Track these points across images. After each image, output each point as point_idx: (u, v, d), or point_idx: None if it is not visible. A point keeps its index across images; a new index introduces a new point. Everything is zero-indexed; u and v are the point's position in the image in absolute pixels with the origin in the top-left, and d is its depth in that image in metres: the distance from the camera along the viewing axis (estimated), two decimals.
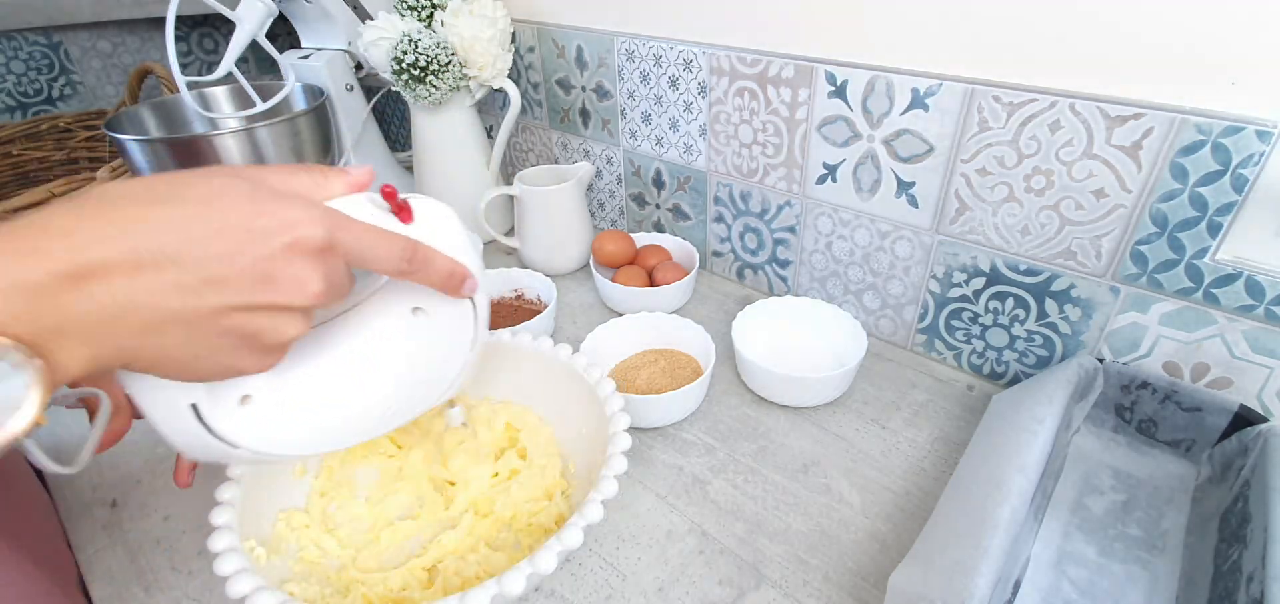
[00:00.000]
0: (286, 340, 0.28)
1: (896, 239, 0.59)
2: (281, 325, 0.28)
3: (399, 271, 0.31)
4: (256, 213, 0.26)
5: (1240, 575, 0.36)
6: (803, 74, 0.57)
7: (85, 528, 0.47)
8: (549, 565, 0.33)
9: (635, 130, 0.75)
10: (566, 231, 0.75)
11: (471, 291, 0.36)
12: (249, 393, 0.32)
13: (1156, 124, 0.42)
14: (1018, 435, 0.43)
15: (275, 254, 0.26)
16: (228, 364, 0.28)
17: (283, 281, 0.27)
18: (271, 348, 0.28)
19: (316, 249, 0.27)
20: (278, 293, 0.27)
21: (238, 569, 0.33)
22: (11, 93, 0.93)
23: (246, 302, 0.26)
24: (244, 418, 0.32)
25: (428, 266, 0.33)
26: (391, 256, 0.31)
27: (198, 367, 0.27)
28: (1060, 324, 0.53)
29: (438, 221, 0.35)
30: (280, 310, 0.27)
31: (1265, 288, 0.43)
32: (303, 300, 0.27)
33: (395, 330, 0.36)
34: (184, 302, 0.25)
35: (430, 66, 0.70)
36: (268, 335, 0.27)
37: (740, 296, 0.72)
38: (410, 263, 0.31)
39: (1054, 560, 0.42)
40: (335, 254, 0.28)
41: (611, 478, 0.38)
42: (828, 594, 0.41)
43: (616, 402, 0.44)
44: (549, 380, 0.49)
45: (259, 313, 0.27)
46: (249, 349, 0.28)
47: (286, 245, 0.26)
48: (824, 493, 0.48)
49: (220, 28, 1.10)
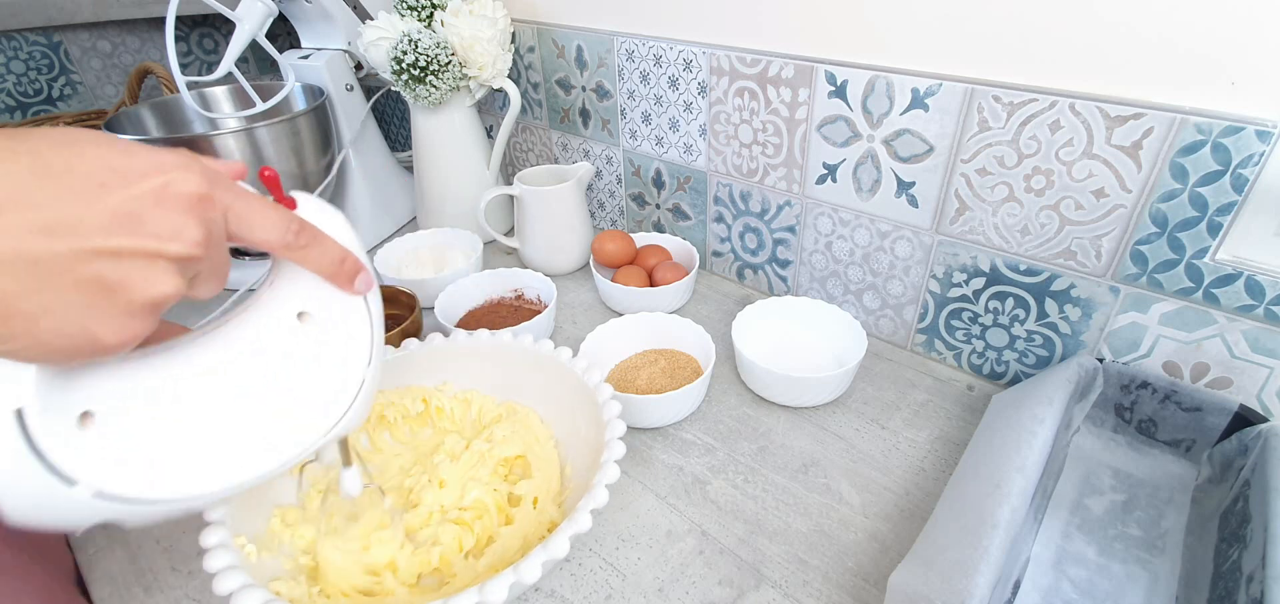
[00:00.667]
0: (155, 297, 0.24)
1: (896, 239, 0.59)
2: (150, 277, 0.24)
3: (284, 244, 0.28)
4: (118, 155, 0.24)
5: (1240, 575, 0.36)
6: (803, 74, 0.57)
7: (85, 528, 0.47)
8: (532, 575, 0.33)
9: (635, 130, 0.75)
10: (566, 231, 0.75)
11: (366, 287, 0.33)
12: (91, 407, 0.26)
13: (1156, 124, 0.42)
14: (1018, 435, 0.43)
15: (144, 195, 0.23)
16: (78, 324, 0.23)
17: (152, 225, 0.24)
18: (136, 308, 0.24)
19: (192, 196, 0.25)
20: (145, 236, 0.23)
21: (225, 566, 0.32)
22: (11, 93, 0.93)
23: (108, 246, 0.23)
24: (85, 442, 0.26)
25: (316, 246, 0.30)
26: (277, 226, 0.28)
27: (48, 322, 0.22)
28: (1060, 324, 0.53)
29: (325, 216, 0.32)
30: (148, 257, 0.24)
31: (1265, 288, 0.43)
32: (177, 248, 0.24)
33: (277, 338, 0.31)
34: (33, 243, 0.21)
35: (430, 66, 0.70)
36: (133, 288, 0.24)
37: (740, 297, 0.72)
38: (297, 237, 0.29)
39: (1054, 560, 0.42)
40: (213, 207, 0.25)
41: (602, 487, 0.37)
42: (828, 594, 0.41)
43: (613, 409, 0.43)
44: (549, 383, 0.49)
45: (123, 260, 0.23)
46: (108, 306, 0.23)
47: (157, 188, 0.24)
48: (824, 493, 0.48)
49: (220, 28, 1.10)
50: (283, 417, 0.32)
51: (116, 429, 0.27)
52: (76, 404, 0.26)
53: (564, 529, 0.35)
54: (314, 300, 0.32)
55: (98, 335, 0.24)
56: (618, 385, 0.57)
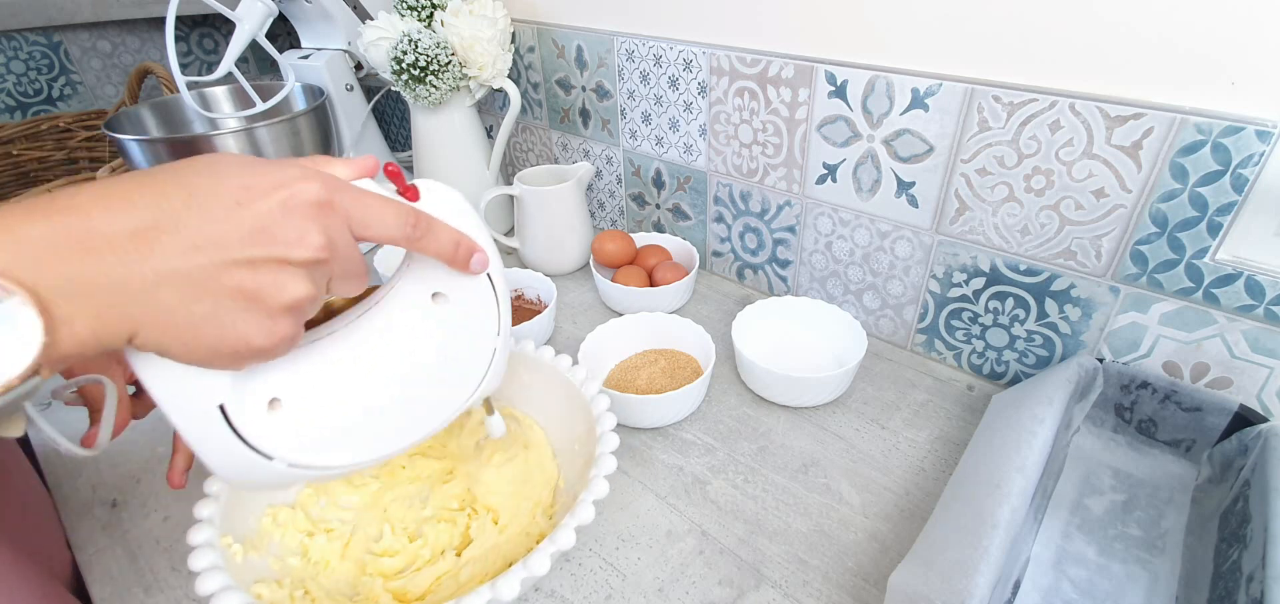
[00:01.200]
0: (291, 301, 0.27)
1: (896, 239, 0.59)
2: (284, 282, 0.27)
3: (404, 236, 0.31)
4: (250, 174, 0.27)
5: (1240, 575, 0.36)
6: (803, 74, 0.57)
7: (85, 528, 0.47)
8: (542, 568, 0.33)
9: (635, 130, 0.75)
10: (566, 231, 0.75)
11: (483, 266, 0.35)
12: (277, 395, 0.31)
13: (1156, 124, 0.42)
14: (1018, 435, 0.43)
15: (271, 209, 0.26)
16: (233, 329, 0.27)
17: (280, 234, 0.26)
18: (277, 310, 0.27)
19: (312, 204, 0.27)
20: (275, 246, 0.26)
21: (208, 566, 0.33)
22: (11, 93, 0.93)
23: (244, 256, 0.26)
24: (275, 424, 0.31)
25: (432, 234, 0.32)
26: (394, 221, 0.30)
27: (202, 333, 0.26)
28: (1060, 324, 0.53)
29: (446, 202, 0.34)
30: (280, 265, 0.27)
31: (1265, 288, 0.43)
32: (303, 253, 0.27)
33: (417, 319, 0.35)
34: (183, 261, 0.25)
35: (430, 66, 0.70)
36: (271, 294, 0.27)
37: (740, 297, 0.72)
38: (414, 229, 0.31)
39: (1054, 560, 0.42)
40: (333, 212, 0.28)
41: (588, 503, 0.37)
42: (828, 594, 0.41)
43: (608, 422, 0.43)
44: (549, 390, 0.49)
45: (259, 268, 0.26)
46: (252, 310, 0.27)
47: (282, 202, 0.27)
48: (824, 493, 0.48)
49: (220, 28, 1.10)
50: (432, 386, 0.36)
51: (300, 407, 0.32)
52: (266, 394, 0.31)
53: (567, 523, 0.35)
54: (444, 282, 0.36)
55: (249, 338, 0.27)
56: (618, 386, 0.57)
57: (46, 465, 0.52)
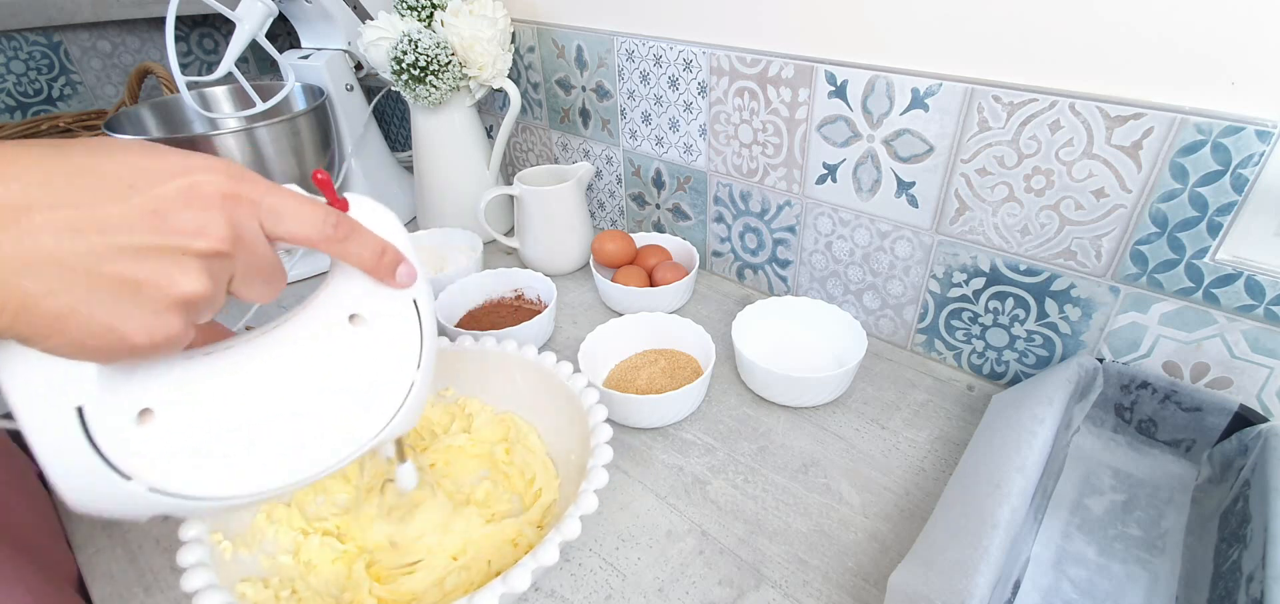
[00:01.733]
0: (181, 295, 0.25)
1: (896, 239, 0.59)
2: (175, 275, 0.24)
3: (322, 237, 0.29)
4: (148, 157, 0.24)
5: (1240, 575, 0.36)
6: (803, 74, 0.57)
7: (85, 528, 0.47)
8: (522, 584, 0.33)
9: (635, 130, 0.75)
10: (566, 231, 0.75)
11: (409, 279, 0.33)
12: (149, 405, 0.27)
13: (1156, 124, 0.42)
14: (1018, 435, 0.43)
15: (169, 194, 0.24)
16: (110, 323, 0.23)
17: (176, 222, 0.24)
18: (163, 306, 0.24)
19: (218, 193, 0.25)
20: (170, 234, 0.24)
21: (195, 563, 0.33)
22: (11, 93, 0.93)
23: (132, 243, 0.23)
24: (142, 439, 0.27)
25: (355, 238, 0.30)
26: (312, 219, 0.28)
27: (74, 325, 0.23)
28: (1060, 324, 0.53)
29: (375, 216, 0.32)
30: (173, 254, 0.24)
31: (1265, 288, 0.43)
32: (201, 244, 0.25)
33: (328, 340, 0.32)
34: (59, 241, 0.22)
35: (430, 66, 0.70)
36: (158, 285, 0.24)
37: (740, 297, 0.72)
38: (335, 230, 0.29)
39: (1054, 560, 0.42)
40: (241, 204, 0.26)
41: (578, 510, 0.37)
42: (828, 594, 0.41)
43: (603, 431, 0.43)
44: (548, 397, 0.49)
45: (149, 257, 0.24)
46: (136, 304, 0.24)
47: (183, 188, 0.24)
48: (824, 493, 0.48)
49: (220, 28, 1.10)
50: (333, 417, 0.32)
51: (172, 427, 0.28)
52: (136, 401, 0.27)
53: (552, 537, 0.35)
54: (365, 303, 0.33)
55: (126, 334, 0.24)
56: (618, 386, 0.57)
57: None
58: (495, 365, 0.51)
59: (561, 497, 0.46)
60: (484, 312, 0.68)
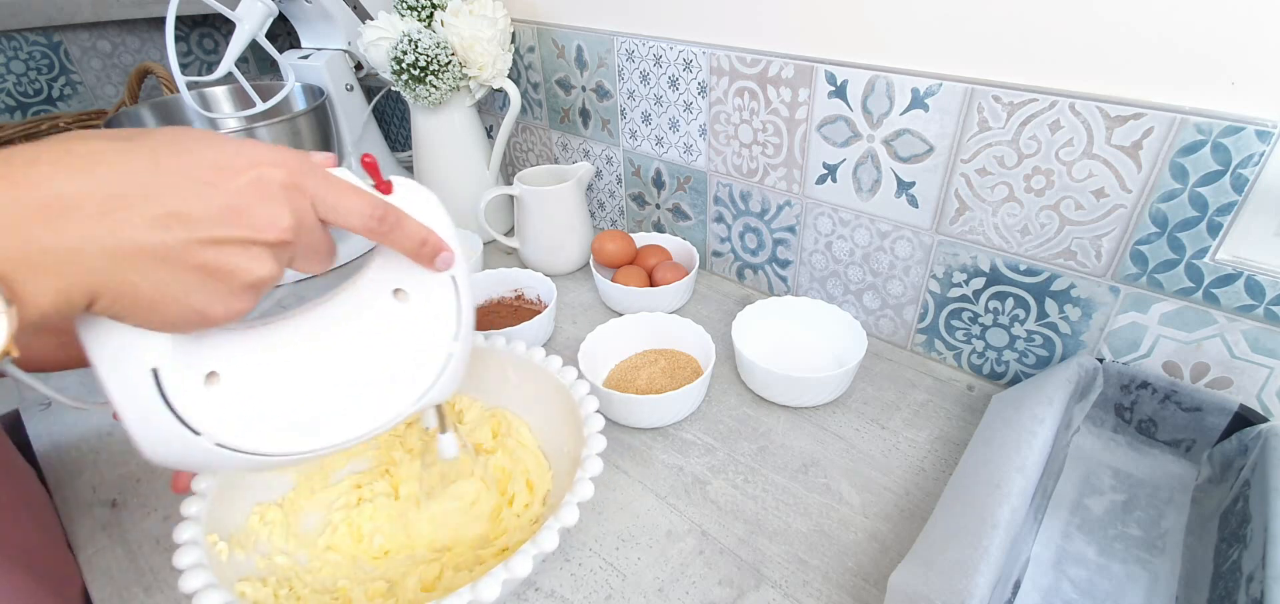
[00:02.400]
0: (255, 279, 0.28)
1: (896, 239, 0.59)
2: (251, 263, 0.27)
3: (368, 227, 0.31)
4: (221, 150, 0.27)
5: (1240, 575, 0.36)
6: (803, 74, 0.57)
7: (85, 528, 0.47)
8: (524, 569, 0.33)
9: (635, 130, 0.75)
10: (566, 231, 0.75)
11: (448, 265, 0.35)
12: (216, 369, 0.30)
13: (1156, 124, 0.42)
14: (1018, 435, 0.43)
15: (242, 188, 0.26)
16: (196, 305, 0.27)
17: (250, 215, 0.27)
18: (240, 288, 0.28)
19: (281, 186, 0.28)
20: (245, 227, 0.27)
21: (192, 564, 0.33)
22: (11, 93, 0.93)
23: (214, 235, 0.26)
24: (209, 399, 0.30)
25: (399, 228, 0.32)
26: (361, 211, 0.30)
27: (165, 307, 0.26)
28: (1060, 324, 0.53)
29: (419, 199, 0.34)
30: (248, 244, 0.27)
31: (1265, 288, 0.43)
32: (272, 235, 0.27)
33: (374, 312, 0.35)
34: (152, 235, 0.24)
35: (430, 66, 0.70)
36: (237, 272, 0.27)
37: (740, 297, 0.72)
38: (381, 222, 0.31)
39: (1054, 560, 0.42)
40: (301, 195, 0.28)
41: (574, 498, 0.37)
42: (828, 594, 0.41)
43: (596, 424, 0.43)
44: (539, 392, 0.49)
45: (227, 247, 0.26)
46: (217, 288, 0.27)
47: (252, 181, 0.27)
48: (824, 493, 0.48)
49: (220, 28, 1.10)
50: (377, 384, 0.35)
51: (239, 385, 0.31)
52: (205, 365, 0.30)
53: (551, 524, 0.35)
54: (407, 279, 0.35)
55: (208, 312, 0.27)
56: (618, 386, 0.57)
57: (46, 466, 0.52)
58: (487, 362, 0.51)
59: (555, 488, 0.46)
60: (484, 311, 0.68)
